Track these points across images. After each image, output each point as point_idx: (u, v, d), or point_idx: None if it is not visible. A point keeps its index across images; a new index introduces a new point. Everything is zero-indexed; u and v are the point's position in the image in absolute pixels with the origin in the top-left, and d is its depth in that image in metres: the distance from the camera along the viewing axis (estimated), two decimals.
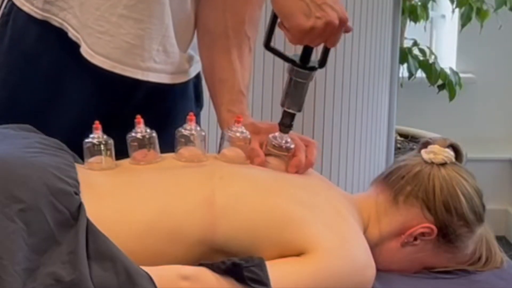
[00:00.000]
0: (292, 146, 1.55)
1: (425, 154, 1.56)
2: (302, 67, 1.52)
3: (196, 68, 1.78)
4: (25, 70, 1.68)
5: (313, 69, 1.53)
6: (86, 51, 1.63)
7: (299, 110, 1.55)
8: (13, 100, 1.70)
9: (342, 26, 1.45)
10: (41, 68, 1.67)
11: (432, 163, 1.55)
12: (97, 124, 1.51)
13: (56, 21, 1.65)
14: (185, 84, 1.76)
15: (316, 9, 1.42)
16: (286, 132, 1.55)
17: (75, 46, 1.64)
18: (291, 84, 1.54)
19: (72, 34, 1.64)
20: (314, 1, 1.42)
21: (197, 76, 1.80)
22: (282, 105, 1.55)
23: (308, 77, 1.53)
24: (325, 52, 1.53)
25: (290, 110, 1.54)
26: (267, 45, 1.54)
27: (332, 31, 1.44)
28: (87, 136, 1.50)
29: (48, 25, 1.66)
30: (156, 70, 1.66)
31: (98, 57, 1.62)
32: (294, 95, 1.54)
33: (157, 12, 1.63)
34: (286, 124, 1.55)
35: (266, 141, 1.56)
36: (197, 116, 1.77)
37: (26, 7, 1.67)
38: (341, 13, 1.44)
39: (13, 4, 1.69)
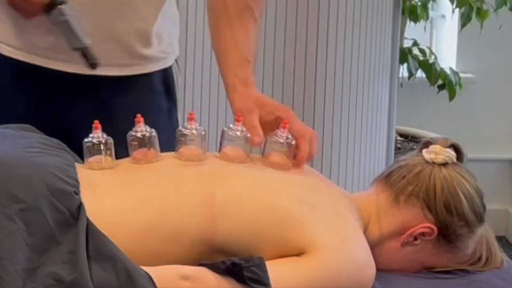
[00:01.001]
0: (293, 142, 1.55)
1: (426, 154, 1.56)
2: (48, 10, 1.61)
3: (161, 63, 1.80)
4: None
5: (55, 6, 1.60)
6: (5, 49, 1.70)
7: (86, 44, 1.61)
8: None
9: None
10: None
11: (433, 163, 1.55)
12: (96, 124, 1.50)
13: None
14: (148, 78, 1.78)
15: None
16: (94, 68, 1.64)
17: None
18: (57, 28, 1.62)
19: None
20: None
21: (165, 70, 1.81)
22: (71, 49, 1.62)
23: (58, 16, 1.61)
24: None
25: (73, 47, 1.62)
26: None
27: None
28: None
29: None
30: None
31: (15, 50, 1.69)
32: (67, 35, 1.62)
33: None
34: (87, 61, 1.62)
35: (267, 137, 1.56)
36: (170, 110, 1.83)
37: None
38: None
39: None
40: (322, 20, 2.65)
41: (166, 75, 1.83)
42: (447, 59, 3.97)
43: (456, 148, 1.58)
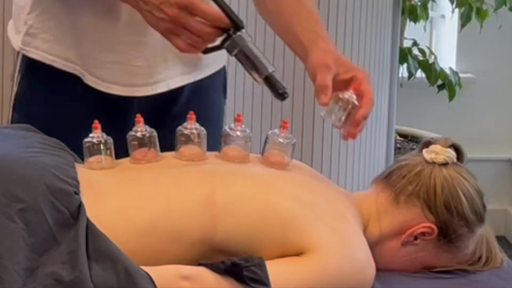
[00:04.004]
0: (294, 141, 1.55)
1: (427, 153, 1.56)
2: (227, 40, 1.47)
3: (219, 62, 1.77)
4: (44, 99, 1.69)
5: (232, 34, 1.46)
6: (91, 80, 1.64)
7: (272, 71, 1.47)
8: (53, 117, 1.69)
9: (188, 8, 1.43)
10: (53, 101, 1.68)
11: (434, 163, 1.55)
12: (96, 124, 1.50)
13: (35, 53, 1.66)
14: (217, 78, 1.77)
15: (158, 12, 1.44)
16: (283, 99, 1.49)
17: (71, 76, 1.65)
18: (240, 60, 1.49)
19: (65, 65, 1.64)
20: (155, 5, 1.44)
21: (223, 69, 1.80)
22: (257, 79, 1.50)
23: (237, 42, 1.47)
24: (227, 14, 1.46)
25: (262, 77, 1.48)
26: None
27: (186, 21, 1.43)
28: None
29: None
30: (161, 80, 1.67)
31: (105, 84, 1.64)
32: (249, 64, 1.48)
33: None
34: (273, 92, 1.49)
35: (267, 136, 1.56)
36: (223, 107, 1.80)
37: (12, 37, 1.69)
38: (174, 2, 1.42)
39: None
40: (322, 20, 2.65)
41: (225, 71, 1.81)
42: (447, 59, 3.97)
43: (456, 148, 1.58)
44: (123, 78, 1.65)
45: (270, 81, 1.48)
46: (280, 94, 1.47)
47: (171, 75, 1.69)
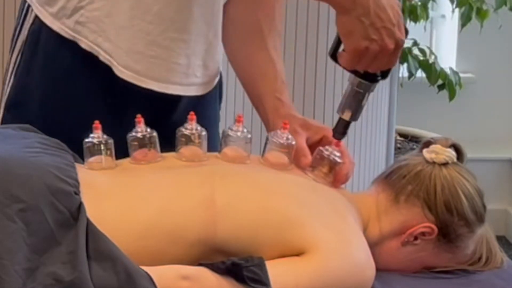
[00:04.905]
0: (293, 142, 1.55)
1: (427, 153, 1.56)
2: (364, 77, 1.52)
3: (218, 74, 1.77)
4: (61, 90, 1.65)
5: (374, 80, 1.53)
6: (125, 73, 1.60)
7: (355, 119, 1.56)
8: (51, 119, 1.65)
9: (397, 50, 1.46)
10: (76, 89, 1.64)
11: (434, 162, 1.55)
12: (97, 124, 1.50)
13: (85, 43, 1.61)
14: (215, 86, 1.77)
15: (373, 32, 1.44)
16: (339, 139, 1.57)
17: (108, 69, 1.61)
18: (351, 93, 1.54)
19: (104, 57, 1.61)
20: (373, 24, 1.44)
21: (220, 77, 1.80)
22: (338, 112, 1.56)
23: (369, 88, 1.54)
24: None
25: (344, 118, 1.56)
26: (333, 55, 1.54)
27: (385, 55, 1.46)
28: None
29: (79, 47, 1.62)
30: (196, 84, 1.67)
31: (145, 80, 1.62)
32: (352, 104, 1.55)
33: (203, 29, 1.63)
34: (339, 131, 1.57)
35: (267, 137, 1.56)
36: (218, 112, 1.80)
37: (56, 26, 1.63)
38: (398, 38, 1.46)
39: (42, 22, 1.64)
40: (323, 20, 2.65)
41: (221, 77, 1.80)
42: (447, 59, 3.97)
43: (456, 148, 1.58)
44: (161, 74, 1.62)
45: (346, 125, 1.57)
46: (339, 137, 1.57)
47: (203, 81, 1.68)
